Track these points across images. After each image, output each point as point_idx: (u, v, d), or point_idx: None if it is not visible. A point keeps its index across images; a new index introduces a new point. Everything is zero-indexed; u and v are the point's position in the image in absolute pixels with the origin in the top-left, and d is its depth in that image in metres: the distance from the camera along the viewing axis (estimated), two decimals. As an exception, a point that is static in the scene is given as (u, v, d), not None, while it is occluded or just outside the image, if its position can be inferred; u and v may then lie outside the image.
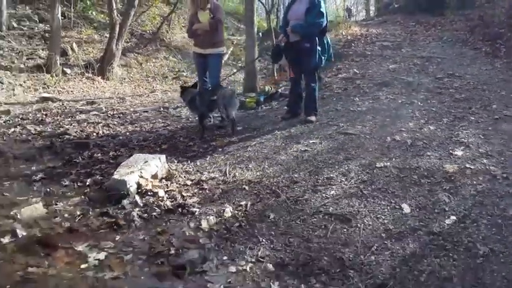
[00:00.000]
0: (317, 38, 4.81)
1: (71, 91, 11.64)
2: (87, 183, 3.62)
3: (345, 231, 2.46)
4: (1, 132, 6.06)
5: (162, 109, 7.81)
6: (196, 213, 2.82)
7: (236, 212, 2.80)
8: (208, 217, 2.72)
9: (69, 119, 7.13)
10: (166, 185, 3.39)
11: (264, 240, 2.42)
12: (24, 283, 2.14)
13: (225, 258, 2.27)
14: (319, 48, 4.84)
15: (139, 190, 3.23)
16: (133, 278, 2.18)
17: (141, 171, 3.35)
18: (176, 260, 2.26)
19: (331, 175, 3.31)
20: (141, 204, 3.03)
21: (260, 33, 14.51)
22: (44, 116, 7.45)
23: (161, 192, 3.20)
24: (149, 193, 3.20)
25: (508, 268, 2.11)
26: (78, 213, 3.00)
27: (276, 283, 2.00)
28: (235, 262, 2.21)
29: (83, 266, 2.31)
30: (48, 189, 3.53)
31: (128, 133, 5.68)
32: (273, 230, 2.53)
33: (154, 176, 3.44)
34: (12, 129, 6.28)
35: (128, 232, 2.68)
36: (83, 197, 3.34)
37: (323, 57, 4.99)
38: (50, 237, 2.65)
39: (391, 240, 2.35)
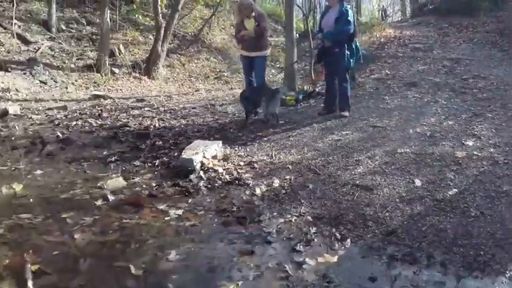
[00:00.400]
0: (346, 44, 5.54)
1: (120, 89, 12.51)
2: (156, 164, 4.39)
3: (368, 196, 3.18)
4: (64, 125, 6.91)
5: (209, 106, 8.57)
6: (250, 184, 3.58)
7: (282, 183, 3.55)
8: (260, 186, 3.48)
9: (125, 114, 7.96)
10: (224, 164, 4.15)
11: (304, 202, 3.16)
12: (121, 230, 2.89)
13: (275, 213, 3.01)
14: (348, 52, 5.56)
15: (203, 167, 3.99)
16: (206, 225, 2.94)
17: (204, 152, 4.14)
18: (238, 214, 3.03)
19: (359, 158, 4.03)
20: (205, 178, 3.80)
21: (297, 35, 15.10)
22: (100, 112, 8.27)
23: (220, 169, 3.97)
24: (211, 170, 3.97)
25: (493, 226, 2.74)
26: (154, 184, 3.78)
27: (313, 228, 2.73)
28: (283, 216, 2.96)
29: (166, 218, 3.05)
30: (123, 168, 4.31)
31: (182, 125, 6.46)
32: (311, 196, 3.27)
33: (214, 157, 4.23)
34: (74, 122, 7.13)
35: (197, 197, 3.45)
36: (155, 173, 4.14)
37: (351, 60, 5.71)
38: (136, 199, 3.44)
39: (403, 203, 3.04)
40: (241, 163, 4.20)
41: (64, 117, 7.72)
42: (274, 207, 3.11)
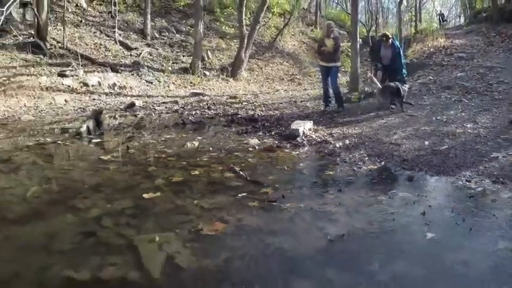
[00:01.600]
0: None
1: (212, 89, 15.31)
2: (273, 133, 7.38)
3: (397, 147, 5.95)
4: (187, 114, 9.87)
5: (292, 102, 11.35)
6: (332, 143, 6.46)
7: (350, 142, 6.42)
8: (338, 143, 6.36)
9: (228, 107, 10.87)
10: (315, 134, 7.08)
11: (362, 149, 5.99)
12: (270, 158, 5.78)
13: (347, 153, 5.85)
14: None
15: (304, 134, 6.93)
16: (313, 157, 5.86)
17: (304, 126, 7.08)
18: (328, 153, 5.91)
19: (396, 131, 6.81)
20: (306, 140, 6.72)
21: (360, 40, 17.55)
22: (207, 105, 11.15)
23: (314, 136, 6.89)
24: (308, 136, 6.89)
25: (459, 161, 5.32)
26: (276, 142, 6.76)
27: (366, 158, 5.55)
28: (351, 154, 5.80)
29: (291, 154, 6.00)
30: (253, 136, 7.33)
31: (278, 114, 9.35)
32: (366, 147, 6.10)
33: (309, 129, 7.17)
34: (194, 112, 10.04)
35: (303, 148, 6.35)
36: (274, 137, 7.09)
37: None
38: (271, 147, 6.39)
39: (415, 151, 5.77)
40: (325, 133, 7.09)
41: (182, 108, 10.65)
42: (347, 152, 5.98)
